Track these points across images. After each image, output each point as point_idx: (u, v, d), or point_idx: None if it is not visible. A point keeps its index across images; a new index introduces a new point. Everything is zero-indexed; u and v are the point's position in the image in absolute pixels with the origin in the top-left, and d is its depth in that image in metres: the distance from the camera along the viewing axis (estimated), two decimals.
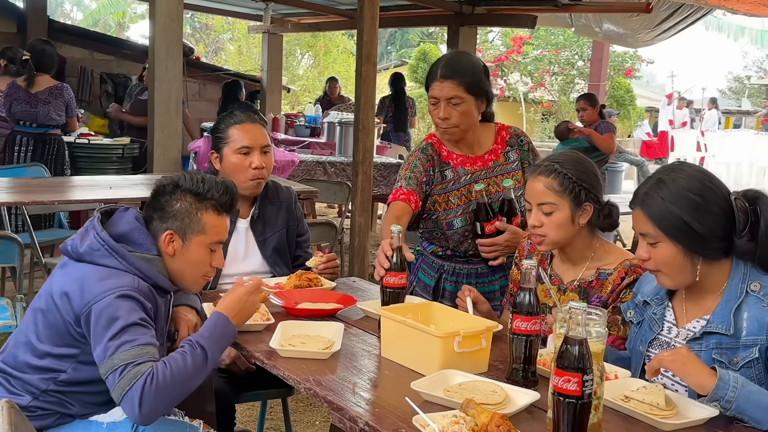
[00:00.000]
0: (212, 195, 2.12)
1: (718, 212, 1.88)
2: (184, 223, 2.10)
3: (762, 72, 32.94)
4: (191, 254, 2.11)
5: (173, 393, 1.91)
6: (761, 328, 1.83)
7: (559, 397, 1.52)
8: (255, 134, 2.76)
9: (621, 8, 7.60)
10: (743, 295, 1.88)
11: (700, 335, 1.92)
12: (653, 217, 1.91)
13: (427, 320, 2.11)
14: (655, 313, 2.05)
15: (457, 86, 2.68)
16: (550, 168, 2.30)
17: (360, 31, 4.79)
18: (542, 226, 2.30)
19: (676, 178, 1.92)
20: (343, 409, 1.73)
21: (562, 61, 18.89)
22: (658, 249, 1.92)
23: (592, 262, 2.35)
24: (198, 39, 25.27)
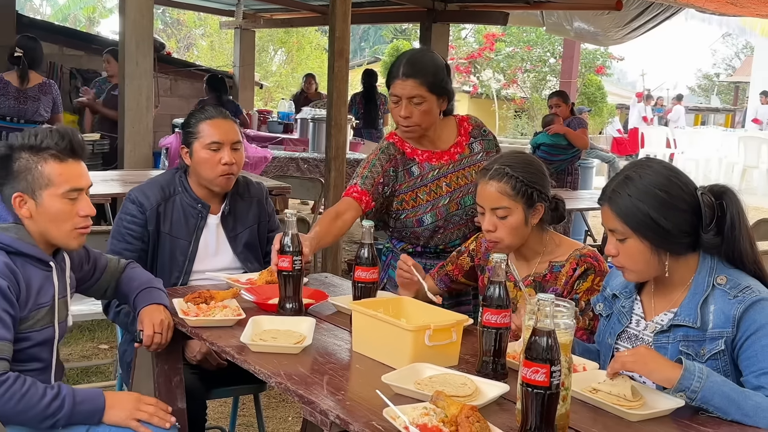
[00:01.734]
0: (47, 144, 2.05)
1: (685, 208, 1.91)
2: (28, 181, 2.04)
3: (731, 69, 33.39)
4: (47, 209, 2.05)
5: (12, 411, 1.91)
6: (727, 321, 1.86)
7: (527, 388, 1.54)
8: (225, 130, 2.73)
9: (591, 5, 7.67)
10: (710, 288, 1.91)
11: (668, 328, 1.95)
12: (620, 214, 1.93)
13: (398, 314, 2.12)
14: (624, 306, 2.08)
15: (420, 85, 2.67)
16: (502, 172, 2.31)
17: (332, 27, 4.79)
18: (496, 231, 2.33)
19: (642, 174, 1.94)
20: (314, 402, 1.73)
21: (534, 59, 19.01)
22: (626, 245, 1.94)
23: (544, 256, 2.40)
24: (169, 34, 25.06)
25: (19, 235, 2.05)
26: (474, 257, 2.62)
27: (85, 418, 2.01)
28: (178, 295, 2.44)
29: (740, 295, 1.86)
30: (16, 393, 1.92)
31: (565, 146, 6.94)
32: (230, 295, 2.38)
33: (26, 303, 2.04)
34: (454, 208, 2.82)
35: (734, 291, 1.88)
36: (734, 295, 1.87)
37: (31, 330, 2.07)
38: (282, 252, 2.29)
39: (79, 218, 2.09)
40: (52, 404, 1.95)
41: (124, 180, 4.69)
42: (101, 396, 2.04)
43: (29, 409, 1.94)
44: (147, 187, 2.74)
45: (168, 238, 2.70)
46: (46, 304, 2.10)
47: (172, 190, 2.75)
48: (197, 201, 2.75)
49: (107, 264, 2.40)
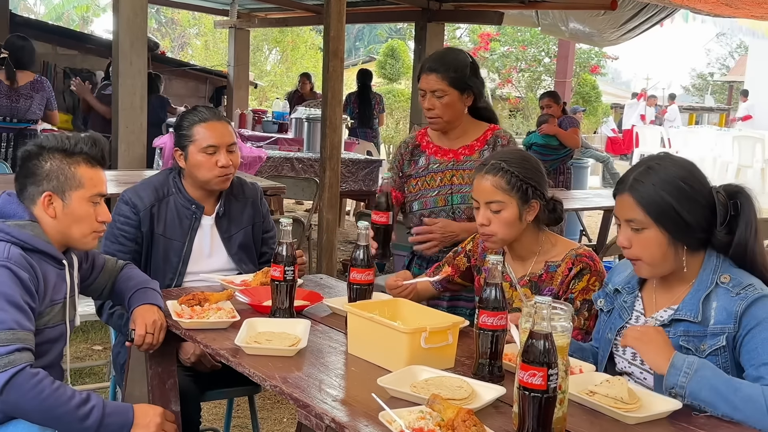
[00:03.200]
0: (81, 149, 2.11)
1: (704, 203, 1.91)
2: (59, 181, 2.09)
3: (725, 69, 33.46)
4: (74, 211, 2.10)
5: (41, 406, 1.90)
6: (729, 317, 1.86)
7: (524, 392, 1.53)
8: (221, 132, 2.69)
9: (586, 5, 7.66)
10: (713, 285, 1.91)
11: (669, 322, 1.95)
12: (642, 203, 1.91)
13: (393, 316, 2.10)
14: (626, 301, 2.08)
15: (441, 80, 2.81)
16: (497, 167, 2.33)
17: (327, 26, 4.77)
18: (490, 225, 2.34)
19: (665, 165, 1.93)
20: (309, 406, 1.72)
21: (529, 58, 19.03)
22: (643, 235, 1.92)
23: (540, 256, 2.41)
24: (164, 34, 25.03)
25: (35, 232, 2.07)
26: (471, 257, 2.62)
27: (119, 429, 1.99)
28: (172, 296, 2.43)
29: (743, 293, 1.87)
30: (46, 388, 1.91)
31: (556, 146, 6.95)
32: (224, 297, 2.36)
33: (43, 298, 2.07)
34: (441, 202, 2.89)
35: (737, 289, 1.88)
36: (737, 293, 1.87)
37: (45, 326, 2.10)
38: (275, 261, 2.28)
39: (97, 223, 2.16)
40: (82, 408, 1.94)
41: (118, 180, 4.66)
42: (130, 410, 2.03)
43: (58, 406, 1.92)
44: (140, 188, 2.72)
45: (162, 240, 2.68)
46: (59, 301, 2.13)
47: (165, 191, 2.73)
48: (191, 202, 2.73)
49: (105, 263, 2.41)
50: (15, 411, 1.93)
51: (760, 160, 14.22)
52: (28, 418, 1.95)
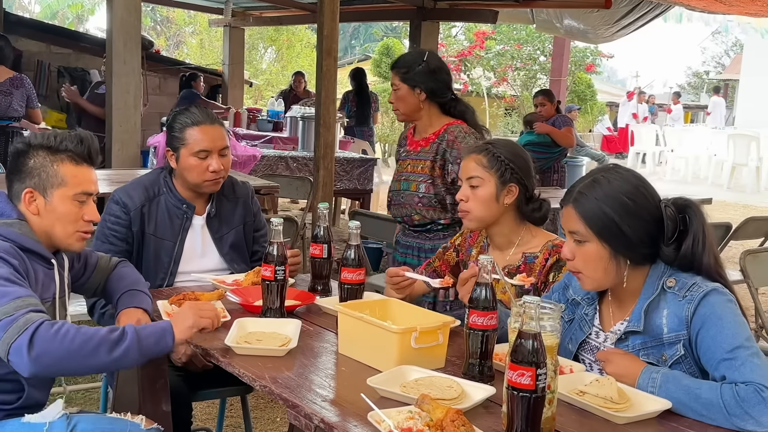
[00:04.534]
0: (66, 146, 2.09)
1: (648, 218, 1.90)
2: (41, 178, 2.07)
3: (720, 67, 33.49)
4: (56, 208, 2.08)
5: (69, 351, 1.85)
6: (681, 324, 1.86)
7: (513, 391, 1.53)
8: (213, 137, 2.66)
9: (580, 3, 7.66)
10: (658, 290, 1.91)
11: (624, 336, 1.95)
12: (584, 216, 1.92)
13: (384, 316, 2.10)
14: (587, 313, 2.07)
15: (395, 76, 3.24)
16: (482, 147, 2.47)
17: (320, 26, 4.76)
18: (468, 201, 2.43)
19: (611, 179, 1.93)
20: (299, 406, 1.72)
21: (525, 57, 19.02)
22: (585, 248, 1.92)
23: (518, 247, 2.45)
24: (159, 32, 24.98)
25: (23, 230, 2.06)
26: (459, 252, 2.65)
27: (157, 342, 1.95)
28: (163, 296, 2.42)
29: (688, 295, 1.86)
30: (71, 330, 1.87)
31: (548, 144, 6.93)
32: (215, 297, 2.35)
33: (34, 291, 2.04)
34: (397, 186, 3.31)
35: (683, 291, 1.88)
36: (683, 296, 1.87)
37: None
38: (265, 261, 2.27)
39: (83, 222, 2.12)
40: (113, 333, 1.91)
41: (111, 180, 4.65)
42: (166, 323, 2.00)
43: (89, 339, 1.87)
44: (131, 187, 2.71)
45: (153, 240, 2.67)
46: (48, 299, 2.11)
47: (156, 191, 2.71)
48: (182, 202, 2.72)
49: (98, 262, 2.39)
50: (51, 366, 1.86)
51: (755, 158, 14.24)
52: (67, 367, 1.90)
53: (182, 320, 2.02)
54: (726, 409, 1.68)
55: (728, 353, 1.76)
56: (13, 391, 2.06)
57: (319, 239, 2.54)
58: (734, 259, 6.71)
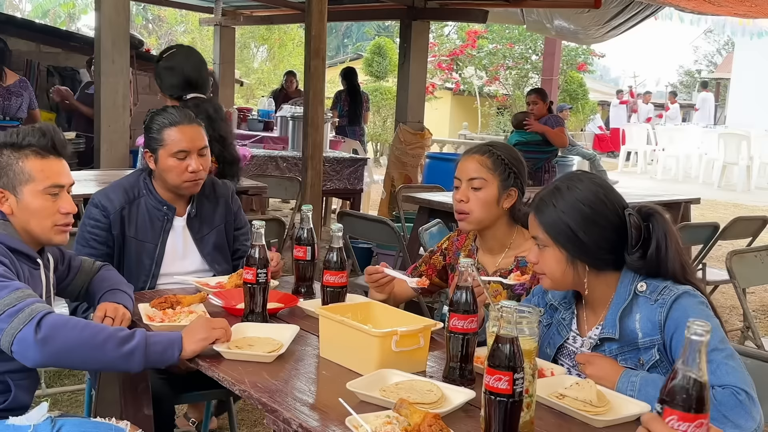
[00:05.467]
0: (29, 141, 2.08)
1: (607, 225, 1.92)
2: (9, 177, 2.06)
3: (713, 66, 33.57)
4: (29, 205, 2.07)
5: (77, 341, 1.87)
6: (654, 328, 1.87)
7: (490, 396, 1.52)
8: (192, 136, 2.64)
9: (570, 3, 7.67)
10: (631, 296, 1.92)
11: (600, 341, 1.96)
12: (543, 223, 1.95)
13: (366, 319, 2.09)
14: (564, 318, 2.08)
15: None
16: (485, 148, 2.44)
17: (308, 26, 4.75)
18: (468, 202, 2.40)
19: (572, 187, 1.96)
20: (277, 411, 1.71)
21: (516, 56, 19.02)
22: (545, 252, 1.96)
23: (510, 250, 2.45)
24: (151, 31, 24.90)
25: (7, 231, 2.06)
26: (446, 255, 2.64)
27: (163, 351, 1.97)
28: (145, 299, 2.41)
29: (660, 298, 1.87)
30: (79, 322, 1.91)
31: (539, 143, 6.91)
32: (197, 300, 2.35)
33: None
34: None
35: (654, 295, 1.89)
36: (654, 300, 1.88)
37: None
38: (247, 264, 2.26)
39: (59, 215, 2.10)
40: (121, 331, 1.93)
41: (100, 180, 4.63)
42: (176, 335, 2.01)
43: (98, 332, 1.90)
44: (110, 190, 2.69)
45: (134, 242, 2.66)
46: None
47: (136, 193, 2.70)
48: (162, 203, 2.71)
49: (81, 265, 2.39)
50: (58, 354, 1.87)
51: (745, 157, 14.29)
52: (73, 357, 1.90)
53: (193, 333, 2.01)
54: None
55: None
56: (0, 392, 2.05)
57: (303, 241, 2.53)
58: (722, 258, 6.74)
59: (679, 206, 5.94)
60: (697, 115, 19.93)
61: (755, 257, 3.85)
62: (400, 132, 8.29)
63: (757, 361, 2.08)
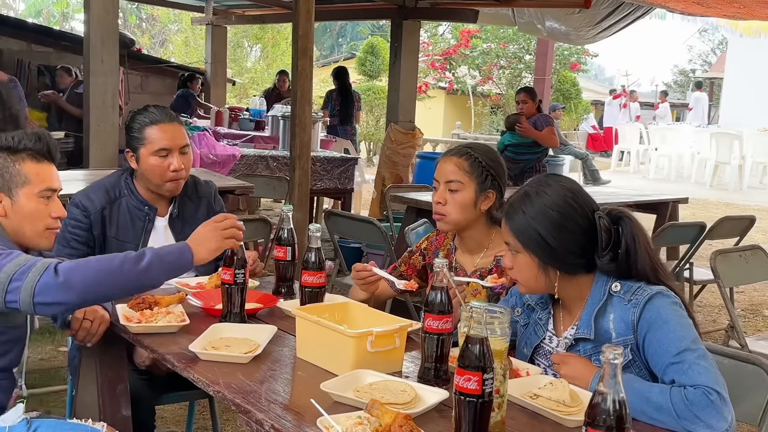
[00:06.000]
0: (25, 145, 2.11)
1: (576, 230, 1.92)
2: (5, 179, 2.09)
3: (707, 65, 33.63)
4: (23, 208, 2.09)
5: (96, 271, 1.94)
6: (627, 328, 1.87)
7: (460, 396, 1.52)
8: (173, 135, 2.65)
9: (560, 3, 7.67)
10: (605, 296, 1.92)
11: (575, 341, 1.96)
12: (513, 229, 1.96)
13: (343, 320, 2.09)
14: (540, 318, 2.08)
15: None
16: (463, 151, 2.45)
17: (295, 25, 4.75)
18: (446, 204, 2.41)
19: (540, 192, 1.96)
20: (250, 412, 1.71)
21: (510, 55, 19.05)
22: (517, 258, 1.97)
23: (489, 250, 2.46)
24: (144, 30, 24.87)
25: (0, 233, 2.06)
26: (425, 255, 2.65)
27: (179, 256, 2.05)
28: (123, 300, 2.40)
29: (633, 298, 1.88)
30: (90, 258, 2.00)
31: (530, 145, 6.91)
32: (176, 300, 2.34)
33: None
34: None
35: (628, 295, 1.89)
36: (628, 300, 1.89)
37: (7, 325, 2.08)
38: (225, 264, 2.26)
39: (51, 219, 2.13)
40: (131, 253, 2.01)
41: (89, 180, 4.61)
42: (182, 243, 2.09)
43: (112, 260, 1.98)
44: (91, 190, 2.69)
45: (115, 243, 2.65)
46: None
47: (117, 193, 2.70)
48: (144, 203, 2.70)
49: None
50: (83, 289, 1.91)
51: (737, 156, 14.33)
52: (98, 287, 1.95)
53: (204, 241, 2.09)
54: (676, 412, 1.69)
55: (675, 357, 1.77)
56: None
57: (283, 242, 2.53)
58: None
59: (667, 206, 5.95)
60: (691, 115, 20.01)
61: (740, 257, 3.86)
62: (392, 131, 8.30)
63: (734, 361, 2.09)
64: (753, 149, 14.52)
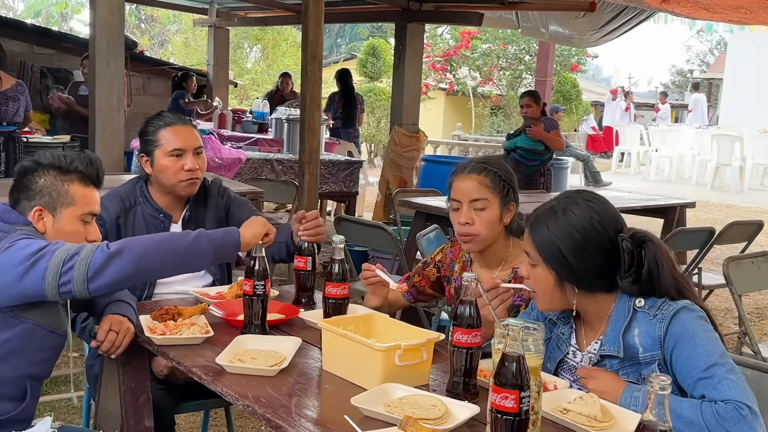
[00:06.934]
0: (76, 167, 2.14)
1: (598, 252, 1.91)
2: (51, 197, 2.11)
3: (705, 66, 33.67)
4: (64, 227, 2.11)
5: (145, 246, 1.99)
6: (654, 344, 1.87)
7: (497, 414, 1.52)
8: (187, 136, 2.69)
9: (566, 6, 7.67)
10: (631, 312, 1.92)
11: (600, 358, 1.96)
12: (536, 242, 1.96)
13: (368, 332, 2.09)
14: (563, 333, 2.08)
15: None
16: (480, 167, 2.40)
17: (305, 30, 4.74)
18: (474, 224, 2.37)
19: (567, 211, 1.95)
20: (282, 427, 1.70)
21: (510, 56, 19.06)
22: (535, 271, 1.97)
23: (507, 263, 2.45)
24: (143, 30, 24.84)
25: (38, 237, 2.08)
26: (440, 268, 2.63)
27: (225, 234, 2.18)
28: (145, 310, 2.40)
29: (659, 313, 1.88)
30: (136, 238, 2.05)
31: (541, 151, 6.93)
32: (198, 311, 2.33)
33: None
34: None
35: (653, 310, 1.89)
36: (654, 315, 1.88)
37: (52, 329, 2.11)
38: (246, 275, 2.25)
39: (86, 242, 2.15)
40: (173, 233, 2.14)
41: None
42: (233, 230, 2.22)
43: (158, 236, 2.09)
44: (106, 199, 2.68)
45: None
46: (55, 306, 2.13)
47: (132, 201, 2.70)
48: (159, 211, 2.72)
49: None
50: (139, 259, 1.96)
51: (738, 158, 14.35)
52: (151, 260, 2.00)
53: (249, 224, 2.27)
54: (708, 428, 1.69)
55: (704, 372, 1.77)
56: (15, 399, 2.06)
57: (304, 251, 2.52)
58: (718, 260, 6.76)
59: (675, 210, 5.96)
60: (690, 116, 20.04)
61: (752, 263, 3.86)
62: (395, 134, 8.29)
63: (756, 372, 2.09)
64: (753, 151, 14.55)
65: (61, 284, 1.91)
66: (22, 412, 2.07)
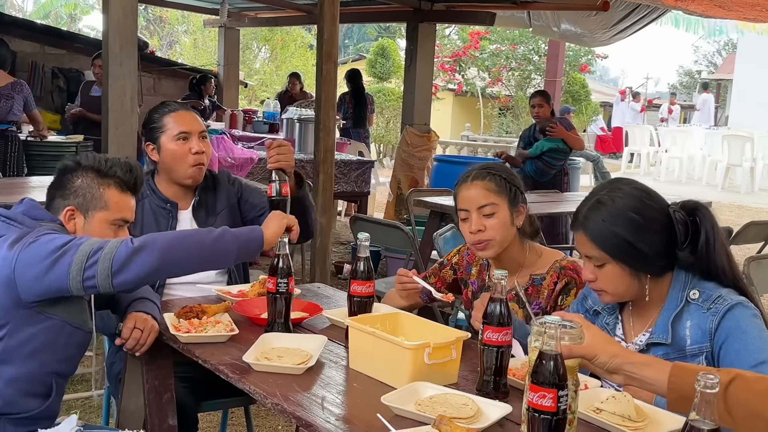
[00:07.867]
0: (115, 172, 2.13)
1: (660, 229, 1.89)
2: (85, 198, 2.10)
3: (713, 67, 33.55)
4: (93, 230, 2.10)
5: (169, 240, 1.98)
6: (704, 336, 1.85)
7: (534, 413, 1.50)
8: (191, 120, 2.74)
9: (579, 6, 7.64)
10: (683, 303, 1.90)
11: (646, 347, 1.94)
12: (596, 240, 1.91)
13: (395, 330, 2.07)
14: (608, 323, 2.05)
15: None
16: (483, 173, 2.38)
17: (320, 29, 4.71)
18: (486, 230, 2.34)
19: (614, 197, 1.91)
20: (313, 425, 1.69)
21: (519, 57, 19.02)
22: (605, 270, 1.92)
23: (525, 268, 2.42)
24: (152, 31, 24.87)
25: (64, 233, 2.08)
26: (457, 270, 2.61)
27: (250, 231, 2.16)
28: (169, 308, 2.39)
29: (713, 307, 1.85)
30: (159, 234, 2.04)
31: (566, 150, 6.91)
32: (222, 309, 2.32)
33: None
34: None
35: (707, 303, 1.87)
36: (707, 308, 1.86)
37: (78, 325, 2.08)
38: (269, 273, 2.24)
39: None
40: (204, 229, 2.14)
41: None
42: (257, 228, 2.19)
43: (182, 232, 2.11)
44: None
45: None
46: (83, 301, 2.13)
47: (139, 195, 2.70)
48: (165, 201, 2.75)
49: None
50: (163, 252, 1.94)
51: (749, 159, 14.29)
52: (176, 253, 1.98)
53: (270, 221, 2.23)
54: None
55: (752, 368, 1.75)
56: (41, 395, 2.05)
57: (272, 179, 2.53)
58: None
59: None
60: (697, 117, 19.99)
61: None
62: (407, 134, 8.26)
63: None
64: (765, 151, 14.48)
65: (86, 278, 1.90)
66: (47, 409, 2.06)
